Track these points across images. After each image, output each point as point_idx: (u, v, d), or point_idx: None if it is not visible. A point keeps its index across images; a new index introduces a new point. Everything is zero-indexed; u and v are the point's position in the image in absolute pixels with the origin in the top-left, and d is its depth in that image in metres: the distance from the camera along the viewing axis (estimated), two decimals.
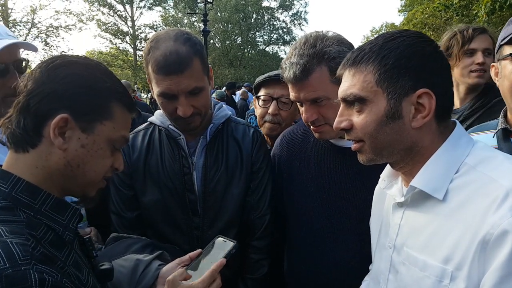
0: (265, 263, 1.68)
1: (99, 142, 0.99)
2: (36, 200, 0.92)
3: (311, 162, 1.64)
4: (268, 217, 1.68)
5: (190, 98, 1.45)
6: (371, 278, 1.29)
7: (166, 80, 1.40)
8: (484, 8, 8.70)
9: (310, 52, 1.40)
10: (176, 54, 1.38)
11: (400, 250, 1.08)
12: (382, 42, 1.01)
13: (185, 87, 1.42)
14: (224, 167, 1.61)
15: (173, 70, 1.38)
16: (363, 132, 1.02)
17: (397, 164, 1.07)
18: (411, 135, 0.99)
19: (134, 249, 1.38)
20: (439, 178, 0.98)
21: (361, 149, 1.07)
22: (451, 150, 1.00)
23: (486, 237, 0.85)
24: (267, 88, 2.11)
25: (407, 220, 1.08)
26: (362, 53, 1.02)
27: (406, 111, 0.98)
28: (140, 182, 1.60)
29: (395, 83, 0.97)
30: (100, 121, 0.98)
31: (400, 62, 0.97)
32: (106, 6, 33.46)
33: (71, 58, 0.99)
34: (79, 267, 0.97)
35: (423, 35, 1.04)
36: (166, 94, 1.44)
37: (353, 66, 1.04)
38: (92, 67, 1.00)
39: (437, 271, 0.94)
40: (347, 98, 1.04)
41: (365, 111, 1.01)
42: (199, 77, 1.46)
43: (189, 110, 1.45)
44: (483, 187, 0.91)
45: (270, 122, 2.08)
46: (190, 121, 1.50)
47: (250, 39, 40.60)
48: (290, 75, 1.42)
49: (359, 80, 1.01)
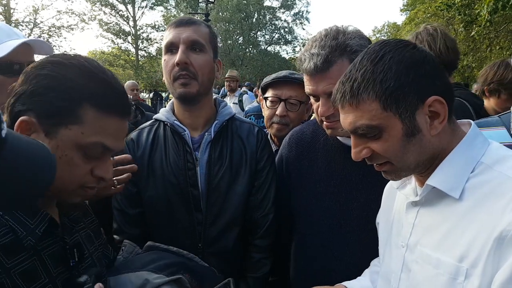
0: (267, 262, 1.69)
1: (63, 147, 0.90)
2: None
3: (320, 162, 1.63)
4: (272, 216, 1.68)
5: (189, 52, 1.52)
6: (381, 277, 1.28)
7: (173, 31, 1.54)
8: (487, 8, 8.65)
9: (332, 43, 1.38)
10: (189, 17, 1.61)
11: (413, 249, 1.08)
12: (371, 66, 0.98)
13: (187, 36, 1.52)
14: (228, 164, 1.61)
15: (182, 23, 1.55)
16: (388, 155, 1.01)
17: (420, 171, 1.06)
18: (432, 143, 1.00)
19: (154, 266, 1.30)
20: (455, 177, 0.98)
21: (387, 170, 1.06)
22: (467, 149, 1.00)
23: (502, 234, 0.85)
24: (275, 89, 2.11)
25: (421, 219, 1.08)
26: (356, 84, 0.99)
27: (422, 123, 0.97)
28: (144, 178, 1.60)
29: (403, 102, 0.96)
30: (65, 125, 0.90)
31: (400, 82, 0.95)
32: (108, 6, 33.44)
33: (52, 58, 0.93)
34: (31, 277, 0.90)
35: (405, 42, 1.02)
36: (169, 45, 1.54)
37: (352, 98, 1.00)
38: (68, 66, 0.91)
39: (452, 269, 0.94)
40: (358, 131, 1.02)
41: (383, 137, 0.99)
42: (203, 37, 1.56)
43: (184, 59, 1.50)
44: (500, 185, 0.91)
45: (278, 123, 2.08)
46: (187, 82, 1.52)
47: (252, 38, 40.47)
48: (310, 66, 1.39)
49: (364, 110, 0.99)
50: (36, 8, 26.78)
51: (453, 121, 1.04)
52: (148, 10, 39.71)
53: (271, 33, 42.34)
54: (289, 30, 42.44)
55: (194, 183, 1.58)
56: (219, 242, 1.59)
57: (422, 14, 17.66)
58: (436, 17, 16.00)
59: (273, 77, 2.15)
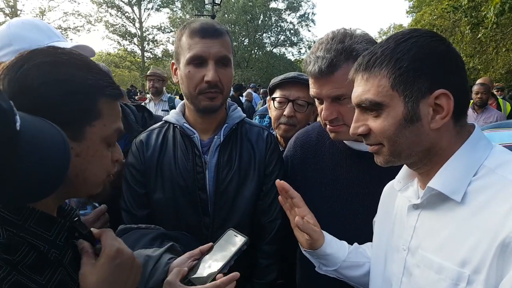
0: (275, 268, 1.66)
1: (93, 145, 0.91)
2: (19, 216, 0.83)
3: (326, 165, 1.61)
4: (279, 221, 1.65)
5: (218, 68, 1.50)
6: (383, 281, 1.24)
7: (200, 43, 1.47)
8: (493, 10, 8.62)
9: (338, 47, 1.37)
10: (212, 24, 1.52)
11: (414, 253, 1.07)
12: (394, 45, 0.99)
13: (217, 52, 1.48)
14: (237, 168, 1.60)
15: (209, 33, 1.48)
16: (382, 136, 1.01)
17: (415, 165, 1.06)
18: (430, 137, 0.98)
19: (143, 243, 1.37)
20: (457, 180, 0.96)
21: (378, 151, 1.06)
22: (469, 152, 0.99)
23: (506, 241, 0.83)
24: (283, 90, 2.12)
25: (422, 222, 1.06)
26: (374, 57, 1.00)
27: (424, 113, 0.96)
28: (152, 180, 1.60)
29: (411, 86, 0.96)
30: (89, 124, 0.90)
31: (414, 65, 0.95)
32: (114, 7, 33.67)
33: (37, 57, 0.86)
34: (65, 287, 0.90)
35: (434, 33, 1.02)
36: (197, 57, 1.48)
37: (366, 71, 1.02)
38: (65, 64, 0.88)
39: (453, 274, 0.92)
40: (362, 104, 1.03)
41: (383, 116, 1.00)
42: (229, 50, 1.54)
43: (216, 77, 1.48)
44: (503, 190, 0.89)
45: (285, 124, 2.08)
46: (214, 96, 1.51)
47: (257, 40, 40.52)
48: (315, 69, 1.38)
49: (373, 85, 1.00)
50: (43, 10, 27.03)
51: (461, 123, 1.02)
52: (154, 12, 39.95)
53: (276, 35, 42.39)
54: (294, 32, 42.48)
55: (202, 187, 1.57)
56: None
57: (428, 16, 17.61)
58: (443, 19, 15.95)
59: (281, 78, 2.15)
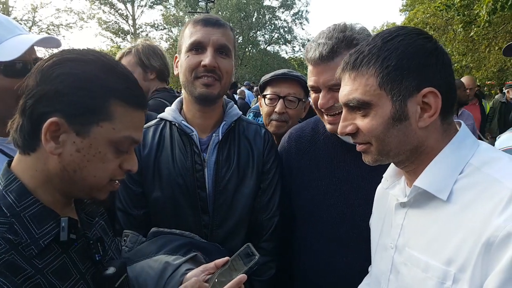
0: (273, 265, 1.66)
1: (97, 145, 0.91)
2: (20, 203, 0.88)
3: (321, 160, 1.62)
4: (277, 219, 1.66)
5: (217, 56, 1.52)
6: (372, 279, 1.28)
7: (201, 30, 1.52)
8: (486, 8, 8.65)
9: (340, 36, 1.40)
10: (216, 16, 1.59)
11: (402, 251, 1.07)
12: (381, 43, 0.99)
13: (216, 39, 1.51)
14: (236, 166, 1.59)
15: (211, 22, 1.54)
16: (370, 135, 1.01)
17: (402, 163, 1.06)
18: (417, 135, 0.99)
19: (168, 249, 1.34)
20: (443, 179, 0.97)
21: (367, 150, 1.06)
22: (456, 150, 0.99)
23: (490, 240, 0.84)
24: (273, 86, 2.12)
25: (409, 220, 1.07)
26: (361, 56, 1.00)
27: (412, 111, 0.97)
28: (150, 179, 1.58)
29: (398, 84, 0.96)
30: (96, 123, 0.90)
31: (402, 63, 0.95)
32: (107, 4, 33.51)
33: (68, 54, 0.92)
34: (64, 274, 0.92)
35: (421, 31, 1.02)
36: (197, 44, 1.51)
37: (353, 69, 1.01)
38: (88, 63, 0.91)
39: (440, 273, 0.93)
40: (349, 103, 1.02)
41: (370, 115, 1.00)
42: (230, 42, 1.56)
43: (214, 62, 1.49)
44: (488, 188, 0.90)
45: (277, 120, 2.09)
46: (210, 83, 1.51)
47: (251, 38, 40.47)
48: (315, 54, 1.41)
49: (360, 84, 0.99)
50: (35, 6, 26.78)
51: (448, 121, 1.02)
52: (147, 9, 39.73)
53: (270, 33, 42.42)
54: (288, 30, 42.54)
55: (202, 185, 1.55)
56: (225, 245, 1.55)
57: (421, 14, 17.66)
58: (435, 17, 16.02)
59: (271, 75, 2.15)
